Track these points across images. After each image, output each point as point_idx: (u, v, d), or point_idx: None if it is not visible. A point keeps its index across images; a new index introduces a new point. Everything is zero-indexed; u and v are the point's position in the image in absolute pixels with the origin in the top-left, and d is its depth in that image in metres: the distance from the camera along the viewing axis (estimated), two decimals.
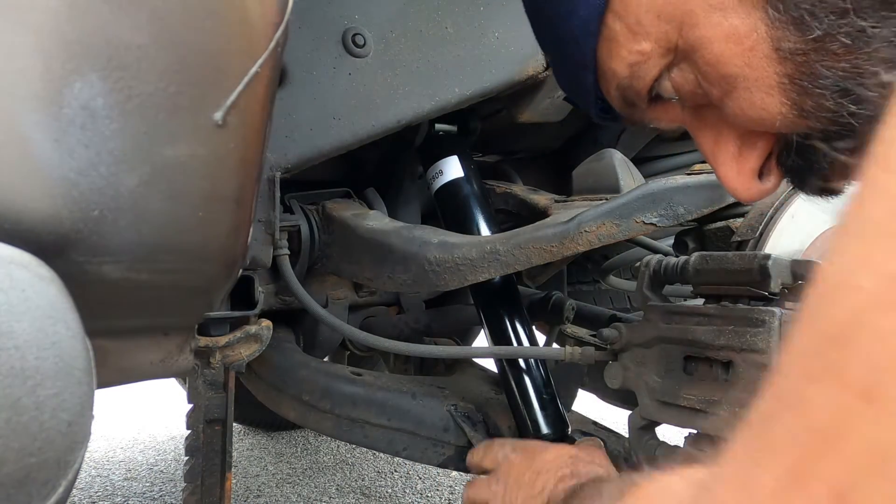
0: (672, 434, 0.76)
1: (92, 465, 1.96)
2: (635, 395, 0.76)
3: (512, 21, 0.97)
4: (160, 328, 0.65)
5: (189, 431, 0.86)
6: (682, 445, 0.72)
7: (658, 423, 0.76)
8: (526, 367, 0.91)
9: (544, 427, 0.89)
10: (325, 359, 1.13)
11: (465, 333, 1.48)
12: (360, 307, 1.14)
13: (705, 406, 0.67)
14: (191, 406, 0.86)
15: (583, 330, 1.03)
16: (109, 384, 0.63)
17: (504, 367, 0.94)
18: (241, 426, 2.26)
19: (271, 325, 0.81)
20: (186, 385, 0.88)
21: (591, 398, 1.04)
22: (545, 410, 0.89)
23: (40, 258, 0.41)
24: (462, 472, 0.79)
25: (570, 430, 0.91)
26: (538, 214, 0.97)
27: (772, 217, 0.76)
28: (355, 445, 1.42)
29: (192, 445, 0.86)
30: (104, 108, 0.45)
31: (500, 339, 0.94)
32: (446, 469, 0.86)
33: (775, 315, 0.62)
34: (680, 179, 0.78)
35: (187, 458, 0.86)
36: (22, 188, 0.43)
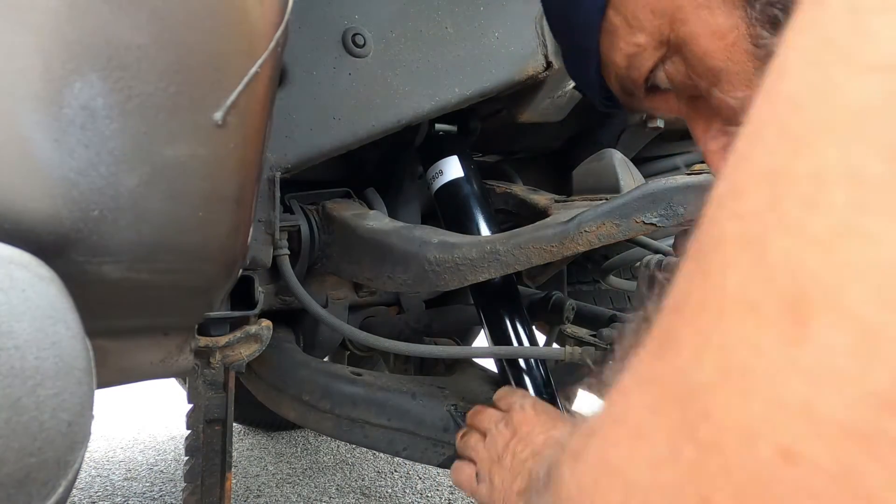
0: None
1: (92, 465, 1.96)
2: None
3: (512, 21, 0.97)
4: (160, 328, 0.65)
5: (189, 431, 0.86)
6: None
7: None
8: (526, 367, 0.91)
9: None
10: (325, 359, 1.13)
11: (465, 333, 1.48)
12: (360, 307, 1.14)
13: None
14: (191, 406, 0.86)
15: (583, 330, 1.03)
16: (109, 384, 0.63)
17: (504, 367, 0.94)
18: (241, 426, 2.26)
19: (271, 325, 0.81)
20: (186, 385, 0.88)
21: (591, 398, 1.04)
22: None
23: (40, 258, 0.41)
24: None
25: None
26: (538, 214, 0.97)
27: None
28: (355, 445, 1.42)
29: (192, 445, 0.86)
30: (104, 108, 0.45)
31: (500, 339, 0.94)
32: (446, 469, 0.85)
33: None
34: (680, 179, 0.78)
35: (187, 458, 0.86)
36: (22, 188, 0.43)
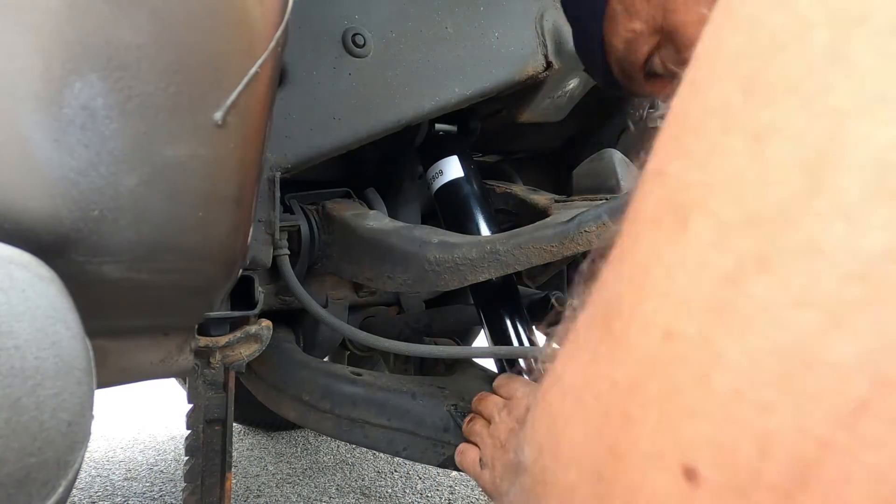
0: None
1: (92, 465, 1.96)
2: None
3: (512, 21, 0.97)
4: (160, 328, 0.65)
5: (189, 431, 0.86)
6: None
7: None
8: (526, 367, 0.91)
9: None
10: (325, 359, 1.13)
11: (465, 333, 1.48)
12: (360, 307, 1.14)
13: None
14: (191, 406, 0.86)
15: None
16: (109, 384, 0.63)
17: (504, 367, 0.94)
18: (241, 426, 2.26)
19: (271, 325, 0.81)
20: (186, 385, 0.88)
21: None
22: None
23: (40, 258, 0.41)
24: (462, 473, 0.78)
25: None
26: (538, 214, 0.97)
27: None
28: (355, 445, 1.42)
29: (192, 445, 0.85)
30: (104, 108, 0.45)
31: (500, 339, 0.94)
32: (446, 469, 0.85)
33: None
34: None
35: (187, 458, 0.86)
36: (22, 188, 0.43)
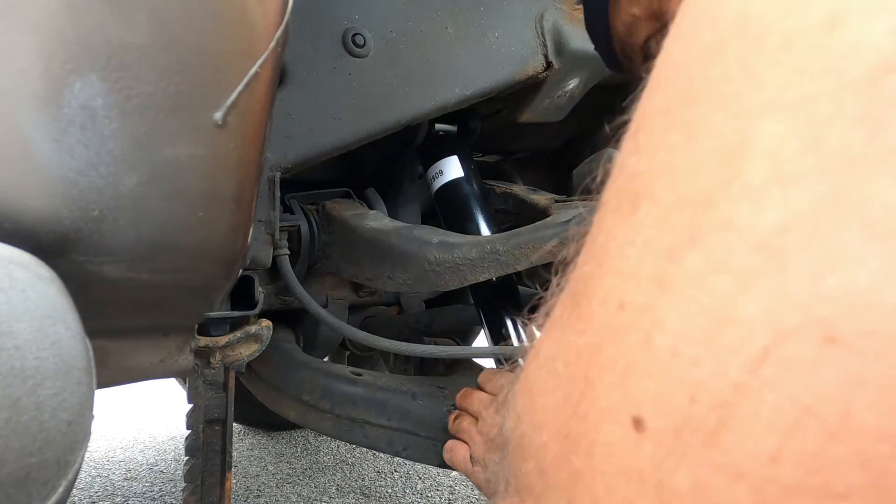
0: None
1: (92, 465, 1.96)
2: None
3: (512, 21, 0.97)
4: (160, 328, 0.65)
5: (189, 431, 0.86)
6: None
7: None
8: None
9: None
10: (325, 359, 1.13)
11: (465, 333, 1.48)
12: (360, 307, 1.14)
13: None
14: (191, 406, 0.86)
15: None
16: (109, 384, 0.63)
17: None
18: (241, 426, 2.26)
19: (271, 325, 0.81)
20: (186, 385, 0.88)
21: None
22: None
23: (40, 258, 0.41)
24: (462, 473, 0.78)
25: None
26: (538, 214, 0.97)
27: None
28: (355, 445, 1.42)
29: (192, 445, 0.85)
30: (104, 108, 0.45)
31: (500, 339, 0.94)
32: (446, 469, 0.85)
33: None
34: None
35: (187, 458, 0.86)
36: (22, 188, 0.43)
